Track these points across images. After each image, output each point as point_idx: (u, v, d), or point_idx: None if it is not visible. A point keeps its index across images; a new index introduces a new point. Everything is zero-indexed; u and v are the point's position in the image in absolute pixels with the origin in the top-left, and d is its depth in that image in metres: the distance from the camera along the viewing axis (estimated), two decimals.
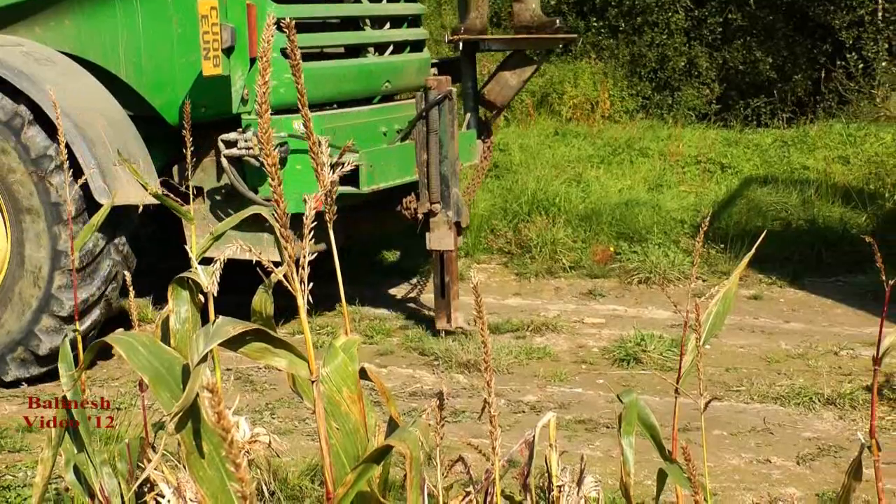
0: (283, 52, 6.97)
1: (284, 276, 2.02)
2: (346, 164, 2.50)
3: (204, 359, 1.78)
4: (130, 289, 3.30)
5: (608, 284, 8.84)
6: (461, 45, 8.38)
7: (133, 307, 3.35)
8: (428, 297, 8.33)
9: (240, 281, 8.02)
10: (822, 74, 16.12)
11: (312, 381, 1.85)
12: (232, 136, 6.96)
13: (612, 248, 9.38)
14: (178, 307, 2.85)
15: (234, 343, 1.84)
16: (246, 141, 6.90)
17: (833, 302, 8.15)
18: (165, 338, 2.74)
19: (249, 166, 7.02)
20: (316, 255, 1.93)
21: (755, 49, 16.24)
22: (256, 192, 7.01)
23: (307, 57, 7.32)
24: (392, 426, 2.35)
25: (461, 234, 7.66)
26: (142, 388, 3.09)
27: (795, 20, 16.31)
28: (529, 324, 7.78)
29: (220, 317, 1.96)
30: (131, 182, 6.61)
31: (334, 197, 2.03)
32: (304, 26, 7.38)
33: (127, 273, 3.49)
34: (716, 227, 9.63)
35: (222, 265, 2.51)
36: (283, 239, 1.86)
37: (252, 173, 7.04)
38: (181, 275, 2.74)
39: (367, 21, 7.92)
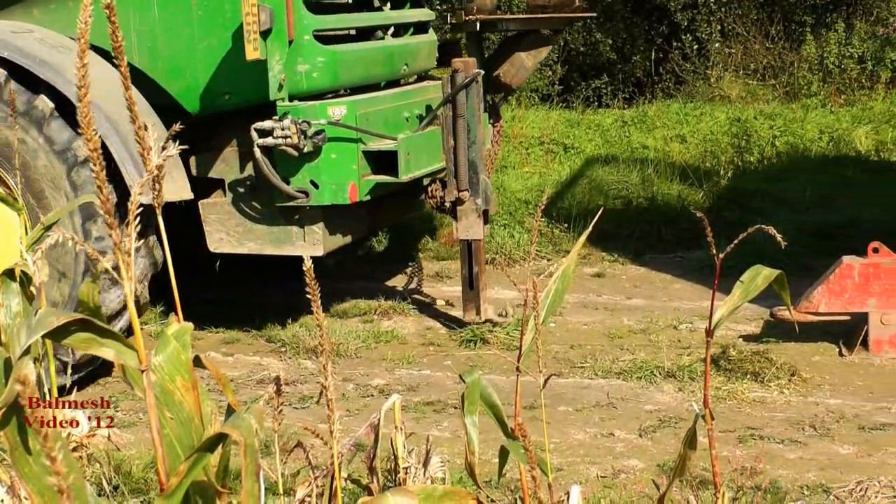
0: (317, 36, 6.69)
1: (115, 266, 1.97)
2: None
3: (27, 351, 1.73)
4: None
5: (455, 266, 8.88)
6: (477, 25, 7.89)
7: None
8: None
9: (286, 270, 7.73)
10: (660, 55, 16.46)
11: (143, 371, 1.81)
12: (267, 124, 6.43)
13: None
14: (9, 301, 2.76)
15: (58, 334, 1.79)
16: (283, 129, 6.39)
17: (672, 277, 8.35)
18: None
19: (281, 156, 6.52)
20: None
21: (595, 31, 16.48)
22: (288, 182, 6.57)
23: (338, 39, 6.95)
24: (230, 414, 2.31)
25: (488, 222, 7.37)
26: None
27: (633, 2, 16.61)
28: (377, 307, 7.77)
29: (46, 307, 1.91)
30: (165, 177, 6.28)
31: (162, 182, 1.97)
32: (335, 7, 7.01)
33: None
34: (559, 207, 9.76)
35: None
36: (109, 227, 1.81)
37: (283, 164, 6.56)
38: (8, 267, 2.65)
39: (380, 1, 7.52)
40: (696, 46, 15.91)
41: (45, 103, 6.14)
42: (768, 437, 5.48)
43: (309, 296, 1.98)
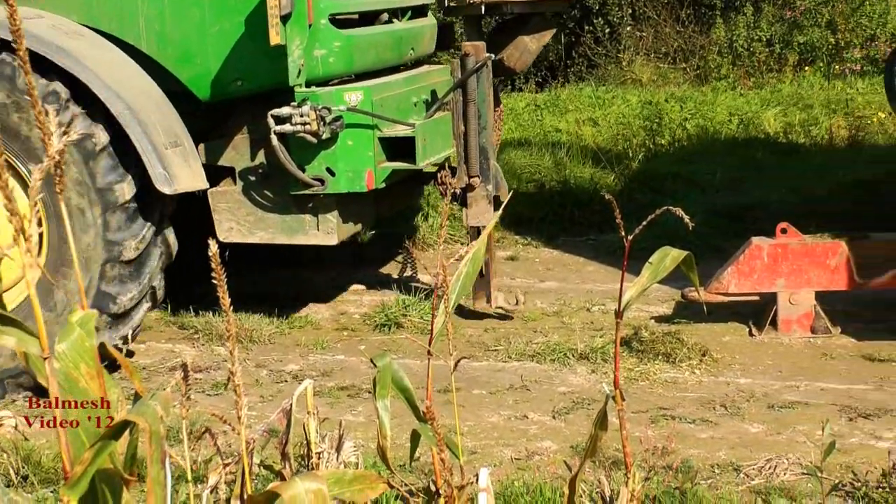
0: (333, 20, 6.53)
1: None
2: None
3: None
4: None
5: (371, 251, 8.87)
6: (482, 7, 7.69)
7: None
8: None
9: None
10: (572, 39, 16.55)
11: (45, 359, 1.78)
12: (285, 110, 6.27)
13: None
14: None
15: None
16: (302, 116, 6.23)
17: (585, 260, 8.41)
18: None
19: (296, 144, 6.37)
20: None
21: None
22: (303, 170, 6.43)
23: (352, 23, 6.80)
24: (137, 401, 2.29)
25: (498, 208, 7.26)
26: None
27: None
28: (291, 293, 7.74)
29: None
30: (183, 166, 6.06)
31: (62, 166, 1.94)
32: None
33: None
34: None
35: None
36: None
37: (298, 151, 6.40)
38: None
39: None
40: (607, 30, 16.03)
41: (62, 90, 5.93)
42: (680, 417, 5.56)
43: (215, 282, 1.96)
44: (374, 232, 9.09)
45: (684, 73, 15.35)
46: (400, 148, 6.61)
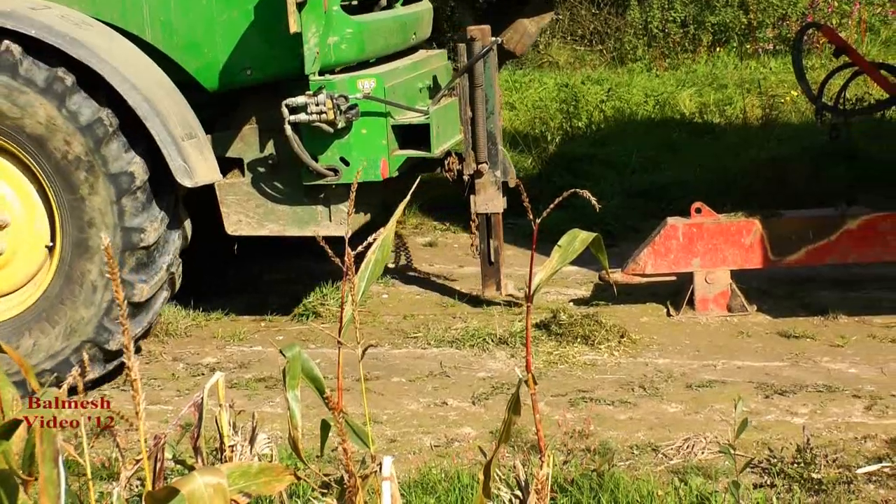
0: (345, 6, 6.38)
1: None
2: None
3: None
4: None
5: (287, 240, 8.79)
6: None
7: None
8: None
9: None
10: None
11: None
12: (300, 99, 6.16)
13: None
14: None
15: None
16: (318, 105, 6.13)
17: (504, 244, 8.40)
18: None
19: (309, 133, 6.26)
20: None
21: None
22: (316, 160, 6.31)
23: (353, 10, 6.63)
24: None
25: (506, 194, 7.09)
26: None
27: None
28: (208, 284, 7.66)
29: None
30: (199, 159, 5.93)
31: None
32: None
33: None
34: None
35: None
36: None
37: (310, 141, 6.30)
38: None
39: None
40: None
41: (67, 77, 5.81)
42: (599, 399, 5.59)
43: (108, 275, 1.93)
44: None
45: (601, 55, 15.43)
46: (413, 135, 6.52)
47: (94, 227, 5.88)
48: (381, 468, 2.23)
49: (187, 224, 6.36)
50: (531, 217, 2.98)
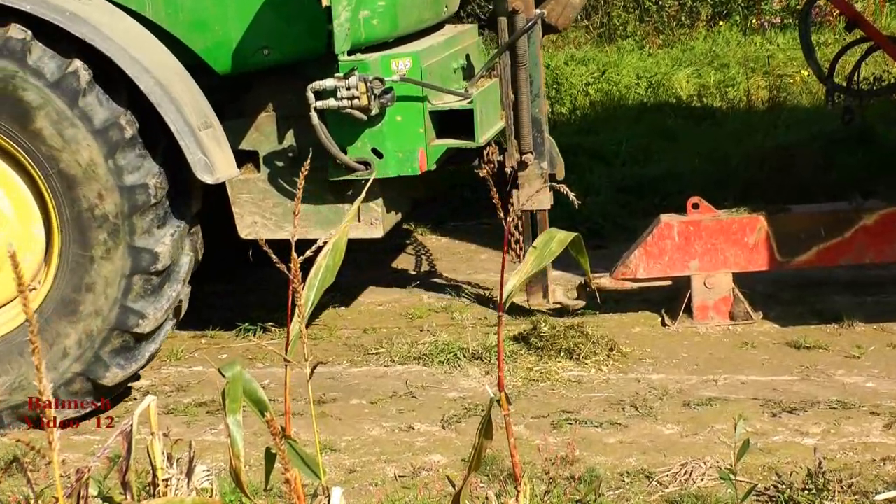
0: None
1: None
2: None
3: None
4: None
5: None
6: None
7: None
8: None
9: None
10: None
11: None
12: (329, 83, 6.00)
13: None
14: None
15: None
16: (349, 89, 5.98)
17: (478, 247, 8.44)
18: None
19: (336, 122, 6.14)
20: None
21: None
22: (345, 152, 6.20)
23: None
24: None
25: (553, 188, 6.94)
26: None
27: None
28: None
29: None
30: (218, 151, 5.84)
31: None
32: None
33: None
34: None
35: None
36: None
37: (338, 130, 6.17)
38: None
39: None
40: None
41: (83, 70, 5.72)
42: (585, 420, 5.61)
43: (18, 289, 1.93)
44: None
45: (586, 31, 15.45)
46: (453, 122, 6.44)
47: (98, 247, 5.80)
48: (329, 500, 2.24)
49: (200, 243, 6.29)
50: (500, 216, 2.99)
